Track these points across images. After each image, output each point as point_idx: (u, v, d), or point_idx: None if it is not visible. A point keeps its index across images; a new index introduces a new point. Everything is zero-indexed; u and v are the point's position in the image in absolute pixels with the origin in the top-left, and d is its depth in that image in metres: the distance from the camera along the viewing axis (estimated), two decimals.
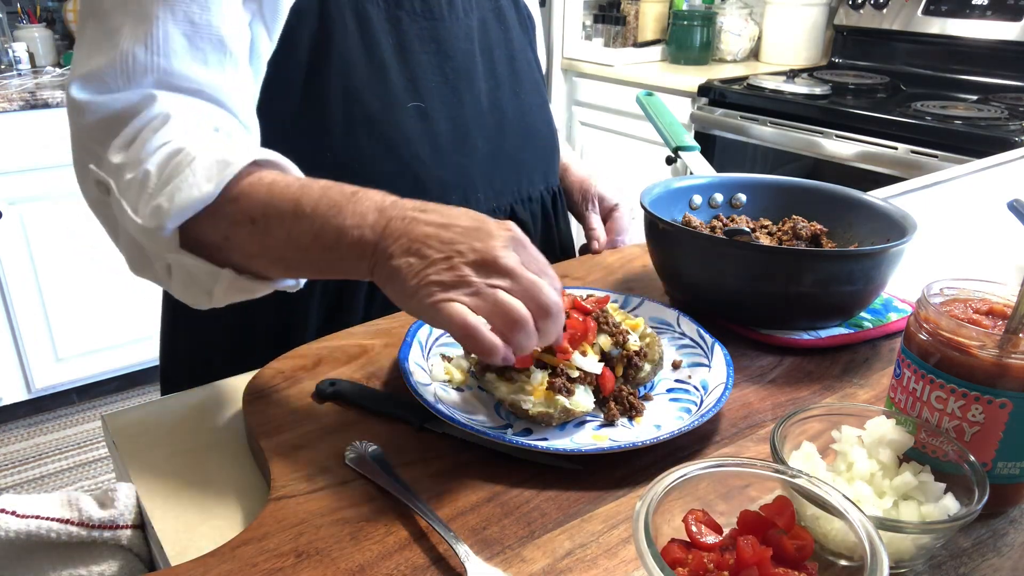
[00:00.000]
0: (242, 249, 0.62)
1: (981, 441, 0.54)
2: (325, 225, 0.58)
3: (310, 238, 0.59)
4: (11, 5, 2.71)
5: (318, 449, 0.61)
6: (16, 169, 2.28)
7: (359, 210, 0.58)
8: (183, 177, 0.61)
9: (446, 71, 0.87)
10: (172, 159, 0.62)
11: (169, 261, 0.64)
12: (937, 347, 0.54)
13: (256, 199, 0.61)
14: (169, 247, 0.62)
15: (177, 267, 0.64)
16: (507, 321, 0.53)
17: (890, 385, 0.60)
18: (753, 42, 2.89)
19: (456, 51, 0.88)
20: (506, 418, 0.65)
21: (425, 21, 0.86)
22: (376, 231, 0.57)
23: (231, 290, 0.64)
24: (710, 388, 0.67)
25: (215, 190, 0.60)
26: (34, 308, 2.43)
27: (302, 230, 0.59)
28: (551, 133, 1.02)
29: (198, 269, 0.63)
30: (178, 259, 0.63)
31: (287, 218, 0.60)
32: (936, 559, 0.51)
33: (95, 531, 0.58)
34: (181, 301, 0.68)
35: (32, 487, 2.32)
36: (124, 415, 0.70)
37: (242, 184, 0.61)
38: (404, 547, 0.52)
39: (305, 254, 0.60)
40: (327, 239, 0.58)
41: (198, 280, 0.64)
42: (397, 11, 0.84)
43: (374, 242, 0.57)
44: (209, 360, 0.91)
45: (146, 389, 2.78)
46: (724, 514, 0.48)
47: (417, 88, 0.85)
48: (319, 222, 0.59)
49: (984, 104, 2.11)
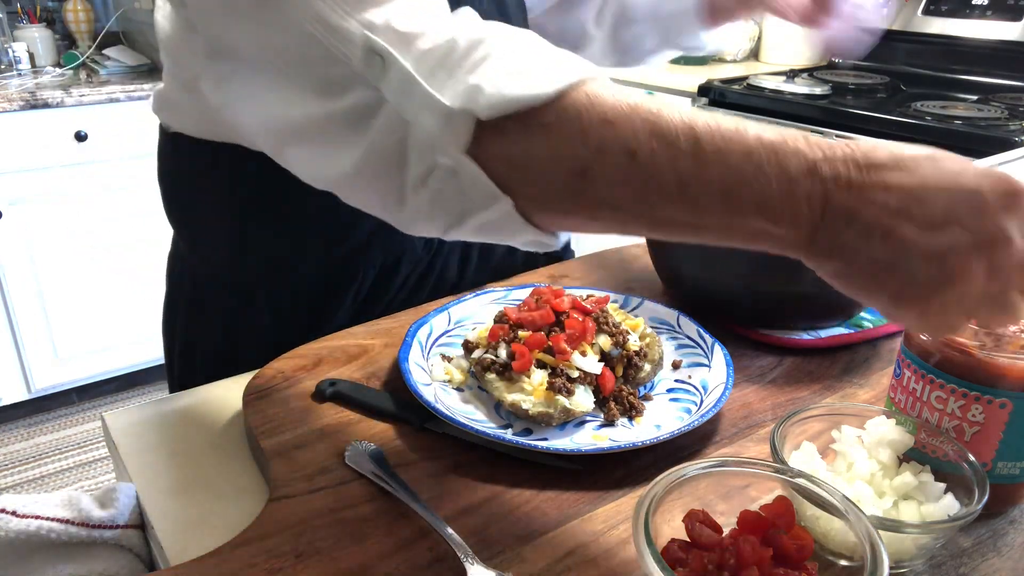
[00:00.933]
0: (596, 190, 0.47)
1: (981, 441, 0.54)
2: (739, 188, 0.43)
3: (715, 197, 0.44)
4: (11, 5, 2.71)
5: (318, 449, 0.61)
6: (16, 169, 2.28)
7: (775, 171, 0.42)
8: (508, 64, 0.48)
9: None
10: (483, 40, 0.50)
11: (441, 163, 0.50)
12: (937, 347, 0.54)
13: (631, 123, 0.45)
14: (460, 142, 0.48)
15: (445, 175, 0.50)
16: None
17: (890, 385, 0.60)
18: (753, 42, 2.89)
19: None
20: (506, 418, 0.65)
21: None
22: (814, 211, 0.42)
23: (492, 224, 0.51)
24: (710, 388, 0.67)
25: (552, 90, 0.47)
26: (34, 308, 2.43)
27: (704, 183, 0.44)
28: None
29: (476, 185, 0.49)
30: (459, 163, 0.49)
31: (682, 160, 0.44)
32: (936, 559, 0.51)
33: (95, 531, 0.58)
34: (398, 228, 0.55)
35: (32, 487, 2.32)
36: (124, 415, 0.70)
37: (579, 91, 0.47)
38: (404, 547, 0.52)
39: (698, 214, 0.45)
40: (738, 205, 0.44)
41: (464, 196, 0.50)
42: None
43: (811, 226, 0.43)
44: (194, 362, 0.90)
45: (146, 389, 2.78)
46: (724, 514, 0.48)
47: None
48: (728, 182, 0.43)
49: (984, 104, 2.11)
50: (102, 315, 2.55)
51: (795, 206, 0.42)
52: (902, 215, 0.40)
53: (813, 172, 0.42)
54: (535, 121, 0.47)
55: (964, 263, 0.39)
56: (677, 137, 0.44)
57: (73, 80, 2.52)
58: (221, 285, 0.87)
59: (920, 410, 0.56)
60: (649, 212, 0.47)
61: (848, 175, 0.41)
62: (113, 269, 2.52)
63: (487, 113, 0.47)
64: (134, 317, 2.59)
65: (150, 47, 2.80)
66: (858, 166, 0.41)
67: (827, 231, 0.42)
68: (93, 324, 2.55)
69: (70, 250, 2.43)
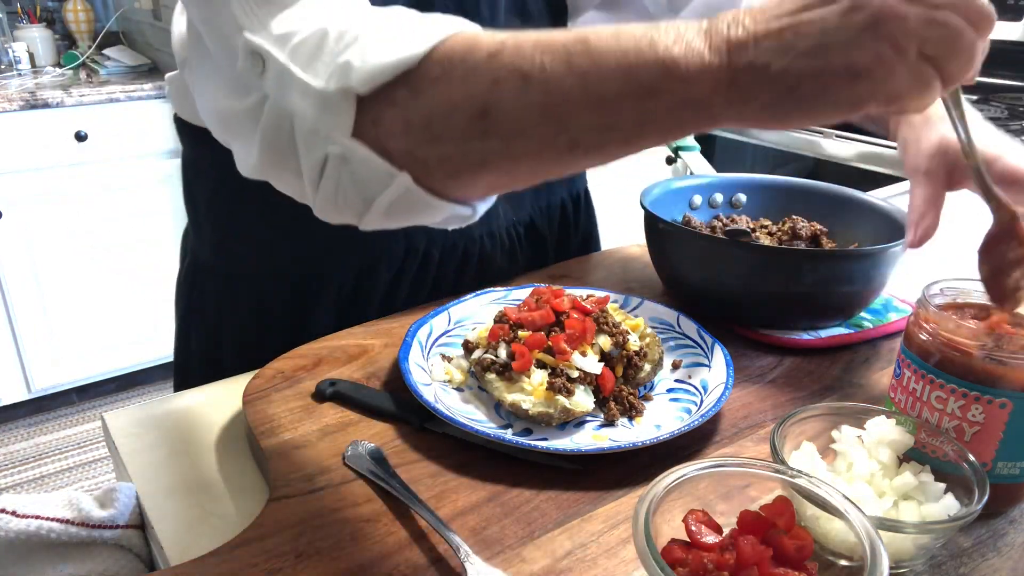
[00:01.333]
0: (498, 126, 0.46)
1: (981, 441, 0.54)
2: (639, 59, 0.42)
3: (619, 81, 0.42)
4: (11, 5, 2.71)
5: (318, 449, 0.61)
6: (16, 169, 2.28)
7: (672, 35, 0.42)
8: (377, 36, 0.48)
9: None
10: (354, 23, 0.50)
11: (331, 151, 0.50)
12: (937, 347, 0.54)
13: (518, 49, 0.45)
14: (343, 128, 0.49)
15: (338, 163, 0.50)
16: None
17: (890, 385, 0.60)
18: None
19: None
20: (506, 418, 0.65)
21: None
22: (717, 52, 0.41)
23: (399, 205, 0.51)
24: (710, 388, 0.67)
25: (423, 48, 0.46)
26: (34, 308, 2.43)
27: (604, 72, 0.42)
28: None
29: (370, 168, 0.49)
30: (348, 149, 0.49)
31: (577, 59, 0.43)
32: (936, 559, 0.51)
33: (95, 531, 0.58)
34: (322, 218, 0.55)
35: (32, 487, 2.32)
36: (124, 415, 0.70)
37: (453, 40, 0.47)
38: (404, 547, 0.52)
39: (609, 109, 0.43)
40: (645, 76, 0.42)
41: (360, 182, 0.51)
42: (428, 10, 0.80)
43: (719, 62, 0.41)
44: (219, 357, 0.91)
45: (146, 389, 2.78)
46: (724, 514, 0.48)
47: None
48: (628, 57, 0.42)
49: (984, 104, 2.11)
50: (102, 315, 2.55)
51: (701, 58, 0.41)
52: (804, 7, 0.40)
53: (706, 28, 0.41)
54: (422, 80, 0.47)
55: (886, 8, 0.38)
56: (564, 45, 0.43)
57: (73, 80, 2.52)
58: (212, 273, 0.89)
59: (920, 410, 0.56)
60: (561, 128, 0.45)
61: (740, 18, 0.41)
62: (113, 269, 2.52)
63: (364, 87, 0.47)
64: (134, 317, 2.60)
65: (150, 47, 2.80)
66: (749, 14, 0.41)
67: (742, 66, 0.40)
68: (93, 324, 2.55)
69: (70, 250, 2.43)
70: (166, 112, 2.53)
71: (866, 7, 0.38)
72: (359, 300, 0.86)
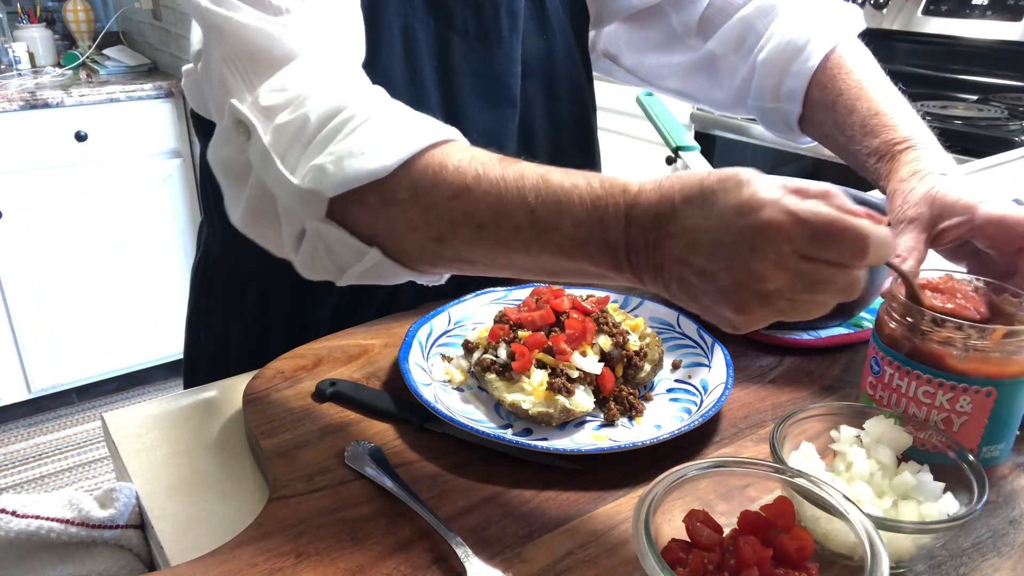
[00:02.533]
0: (453, 252, 0.54)
1: (968, 430, 0.55)
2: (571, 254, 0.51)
3: (555, 262, 0.52)
4: (11, 5, 2.71)
5: (318, 449, 0.61)
6: (16, 169, 2.28)
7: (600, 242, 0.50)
8: (354, 141, 0.53)
9: (491, 96, 0.83)
10: (337, 114, 0.54)
11: (307, 227, 0.55)
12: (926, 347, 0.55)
13: (482, 198, 0.51)
14: (316, 213, 0.54)
15: (314, 236, 0.55)
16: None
17: (867, 383, 0.60)
18: None
19: (503, 74, 0.83)
20: (506, 418, 0.65)
21: (478, 42, 0.81)
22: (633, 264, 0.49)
23: (370, 273, 0.56)
24: (710, 388, 0.67)
25: (392, 164, 0.52)
26: (34, 308, 2.43)
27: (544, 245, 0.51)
28: (588, 146, 0.97)
29: (343, 244, 0.55)
30: (321, 228, 0.54)
31: (524, 231, 0.51)
32: (936, 559, 0.51)
33: (95, 531, 0.58)
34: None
35: (32, 487, 2.32)
36: (124, 415, 0.70)
37: (423, 161, 0.53)
38: (404, 547, 0.52)
39: (548, 273, 0.54)
40: (570, 266, 0.52)
41: (334, 255, 0.56)
42: (448, 31, 0.79)
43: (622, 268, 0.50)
44: (227, 356, 0.91)
45: (146, 389, 2.78)
46: (724, 514, 0.48)
47: (457, 113, 0.81)
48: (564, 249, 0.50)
49: (984, 104, 2.11)
50: (102, 315, 2.55)
51: (618, 263, 0.49)
52: (684, 264, 0.46)
53: (627, 232, 0.48)
54: (390, 196, 0.53)
55: (739, 298, 0.45)
56: (516, 212, 0.50)
57: (73, 80, 2.52)
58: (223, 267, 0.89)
59: (906, 405, 0.56)
60: (504, 264, 0.53)
61: (645, 236, 0.47)
62: (113, 269, 2.52)
63: (333, 192, 0.53)
64: (134, 317, 2.60)
65: (150, 47, 2.80)
66: (655, 220, 0.47)
67: (645, 276, 0.49)
68: (93, 324, 2.55)
69: (70, 250, 2.43)
70: (166, 112, 2.53)
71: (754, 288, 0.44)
72: (363, 300, 0.86)
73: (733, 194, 0.44)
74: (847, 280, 0.44)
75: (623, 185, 0.49)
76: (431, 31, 0.79)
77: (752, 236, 0.43)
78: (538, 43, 0.87)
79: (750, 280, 0.44)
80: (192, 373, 0.98)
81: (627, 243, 0.48)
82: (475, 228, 0.52)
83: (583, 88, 0.93)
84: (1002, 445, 0.56)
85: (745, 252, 0.44)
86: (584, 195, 0.49)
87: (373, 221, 0.54)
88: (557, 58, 0.89)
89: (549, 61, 0.89)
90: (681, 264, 0.46)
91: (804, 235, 0.43)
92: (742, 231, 0.44)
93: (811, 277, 0.44)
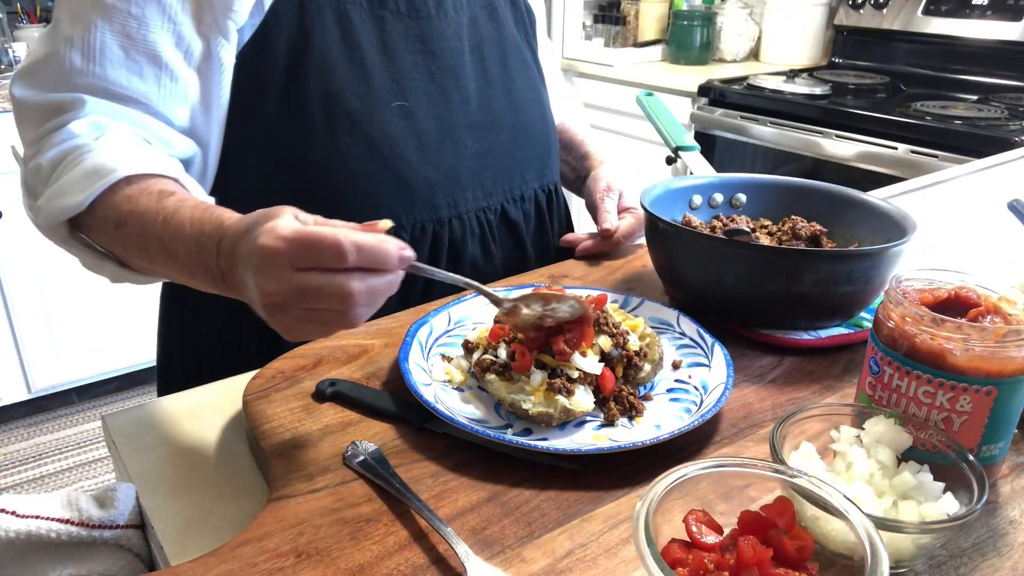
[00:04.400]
0: (137, 264, 0.70)
1: (968, 429, 0.55)
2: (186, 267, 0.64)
3: (184, 276, 0.65)
4: (11, 5, 2.71)
5: (318, 449, 0.61)
6: (16, 169, 2.28)
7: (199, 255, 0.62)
8: (62, 183, 0.68)
9: (432, 70, 0.87)
10: (65, 157, 0.69)
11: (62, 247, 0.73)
12: (926, 346, 0.55)
13: (133, 229, 0.66)
14: (60, 237, 0.71)
15: (70, 251, 0.74)
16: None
17: (866, 383, 0.60)
18: (753, 42, 2.89)
19: (443, 49, 0.88)
20: (506, 418, 0.65)
21: (411, 20, 0.86)
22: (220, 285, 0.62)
23: (118, 277, 0.74)
24: (710, 388, 0.67)
25: (85, 200, 0.66)
26: (34, 308, 2.43)
27: (172, 268, 0.65)
28: (547, 130, 1.01)
29: (84, 259, 0.74)
30: (68, 247, 0.73)
31: (160, 254, 0.65)
32: (936, 559, 0.51)
33: (95, 531, 0.58)
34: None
35: (32, 487, 2.32)
36: (124, 415, 0.70)
37: (118, 195, 0.67)
38: (404, 547, 0.52)
39: (182, 279, 0.67)
40: (196, 281, 0.65)
41: (89, 264, 0.74)
42: (380, 10, 0.84)
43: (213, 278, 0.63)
44: (200, 360, 0.91)
45: (146, 389, 2.78)
46: (724, 514, 0.48)
47: (401, 87, 0.84)
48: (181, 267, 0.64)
49: (984, 104, 2.11)
50: (102, 315, 2.55)
51: (218, 284, 0.62)
52: (244, 284, 0.56)
53: (218, 260, 0.60)
54: (88, 222, 0.69)
55: (265, 314, 0.55)
56: (153, 240, 0.65)
57: None
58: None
59: (906, 405, 0.56)
60: (170, 276, 0.69)
61: (228, 263, 0.58)
62: None
63: (47, 226, 0.71)
64: (134, 317, 2.59)
65: None
66: (230, 250, 0.58)
67: (240, 296, 0.59)
68: (93, 324, 2.55)
69: None
70: None
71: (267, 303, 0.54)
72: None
73: (256, 227, 0.55)
74: (335, 286, 0.52)
75: (221, 222, 0.60)
76: (365, 12, 0.83)
77: (256, 258, 0.53)
78: (490, 28, 0.94)
79: (263, 296, 0.53)
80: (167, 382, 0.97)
81: (219, 268, 0.60)
82: (136, 250, 0.67)
83: (535, 79, 1.01)
84: (1001, 444, 0.56)
85: (253, 272, 0.54)
86: (193, 231, 0.62)
87: (96, 240, 0.72)
88: (508, 44, 0.96)
89: (501, 45, 0.95)
90: (243, 284, 0.56)
91: (291, 251, 0.52)
92: (251, 255, 0.54)
93: (307, 288, 0.52)
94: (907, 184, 1.34)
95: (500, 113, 0.93)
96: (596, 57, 2.89)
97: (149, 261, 0.67)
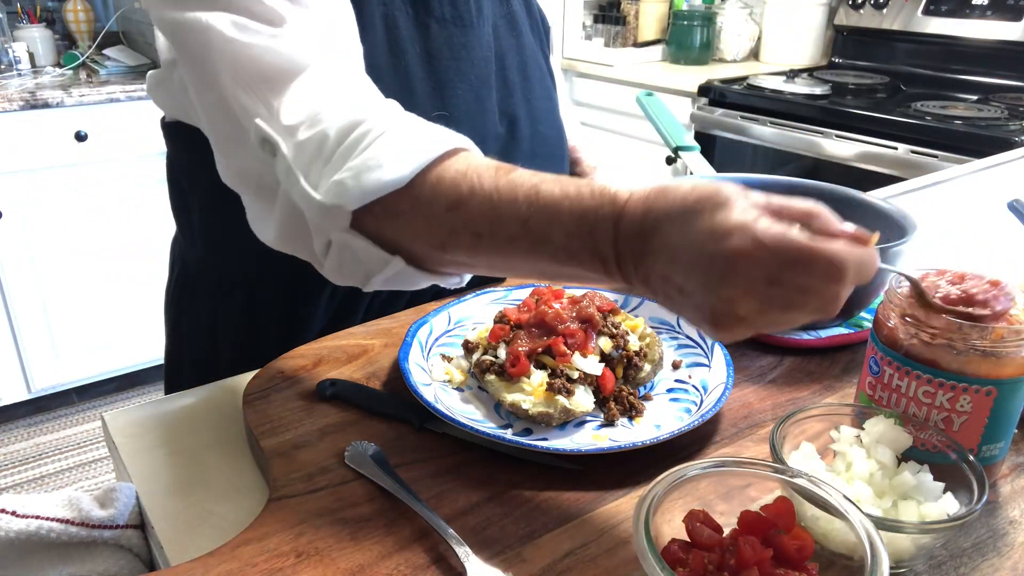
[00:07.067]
0: (455, 258, 0.58)
1: (968, 429, 0.55)
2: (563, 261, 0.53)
3: (548, 269, 0.55)
4: (11, 5, 2.71)
5: (318, 449, 0.61)
6: (16, 169, 2.28)
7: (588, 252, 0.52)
8: (371, 154, 0.56)
9: (471, 79, 0.86)
10: (354, 128, 0.58)
11: (333, 239, 0.59)
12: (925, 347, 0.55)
13: (477, 209, 0.55)
14: (341, 225, 0.58)
15: (340, 247, 0.60)
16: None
17: (866, 383, 0.60)
18: (753, 42, 2.89)
19: (479, 58, 0.87)
20: (506, 418, 0.65)
21: (455, 27, 0.84)
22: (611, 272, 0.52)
23: (395, 279, 0.60)
24: (710, 388, 0.67)
25: (408, 174, 0.55)
26: (34, 308, 2.43)
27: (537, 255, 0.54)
28: (560, 139, 1.01)
29: (367, 253, 0.59)
30: (347, 239, 0.58)
31: (519, 242, 0.54)
32: (936, 559, 0.51)
33: (95, 531, 0.58)
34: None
35: (32, 487, 2.32)
36: (124, 415, 0.70)
37: (436, 172, 0.56)
38: (404, 547, 0.52)
39: (542, 276, 0.58)
40: (565, 272, 0.55)
41: (361, 263, 0.60)
42: (427, 18, 0.82)
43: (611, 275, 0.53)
44: (215, 359, 0.91)
45: (146, 389, 2.78)
46: (724, 514, 0.48)
47: (442, 97, 0.83)
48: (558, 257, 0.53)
49: (984, 104, 2.11)
50: (102, 315, 2.55)
51: (609, 270, 0.52)
52: (666, 279, 0.48)
53: (615, 244, 0.50)
54: (395, 208, 0.57)
55: (714, 318, 0.46)
56: (509, 223, 0.53)
57: (73, 80, 2.52)
58: (205, 279, 0.88)
59: (906, 405, 0.56)
60: (505, 268, 0.59)
61: (631, 248, 0.49)
62: (113, 269, 2.52)
63: (354, 204, 0.56)
64: (134, 317, 2.59)
65: (150, 47, 2.79)
66: (641, 234, 0.49)
67: (635, 284, 0.51)
68: (93, 324, 2.55)
69: (70, 250, 2.43)
70: None
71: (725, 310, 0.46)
72: (353, 298, 0.86)
73: (708, 217, 0.46)
74: (821, 301, 0.45)
75: (612, 195, 0.50)
76: (411, 18, 0.82)
77: (722, 264, 0.44)
78: (509, 37, 0.93)
79: (721, 303, 0.45)
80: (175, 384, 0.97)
81: (616, 254, 0.50)
82: (473, 236, 0.55)
83: (550, 88, 1.00)
84: (1002, 444, 0.56)
85: (716, 278, 0.45)
86: (574, 207, 0.51)
87: (383, 233, 0.58)
88: (527, 54, 0.95)
89: (521, 55, 0.94)
90: (663, 279, 0.48)
91: (772, 263, 0.44)
92: (713, 258, 0.45)
93: (782, 301, 0.45)
94: (907, 184, 1.34)
95: (520, 123, 0.92)
96: (596, 57, 2.89)
97: (485, 249, 0.55)
